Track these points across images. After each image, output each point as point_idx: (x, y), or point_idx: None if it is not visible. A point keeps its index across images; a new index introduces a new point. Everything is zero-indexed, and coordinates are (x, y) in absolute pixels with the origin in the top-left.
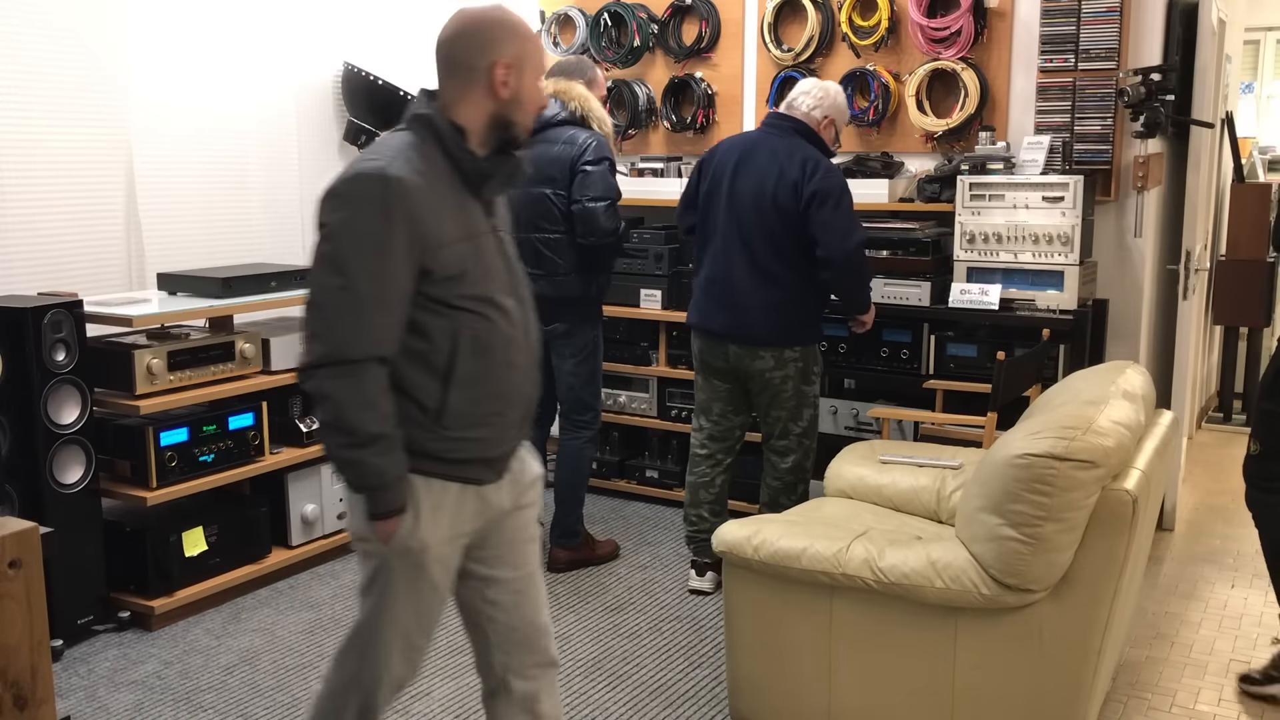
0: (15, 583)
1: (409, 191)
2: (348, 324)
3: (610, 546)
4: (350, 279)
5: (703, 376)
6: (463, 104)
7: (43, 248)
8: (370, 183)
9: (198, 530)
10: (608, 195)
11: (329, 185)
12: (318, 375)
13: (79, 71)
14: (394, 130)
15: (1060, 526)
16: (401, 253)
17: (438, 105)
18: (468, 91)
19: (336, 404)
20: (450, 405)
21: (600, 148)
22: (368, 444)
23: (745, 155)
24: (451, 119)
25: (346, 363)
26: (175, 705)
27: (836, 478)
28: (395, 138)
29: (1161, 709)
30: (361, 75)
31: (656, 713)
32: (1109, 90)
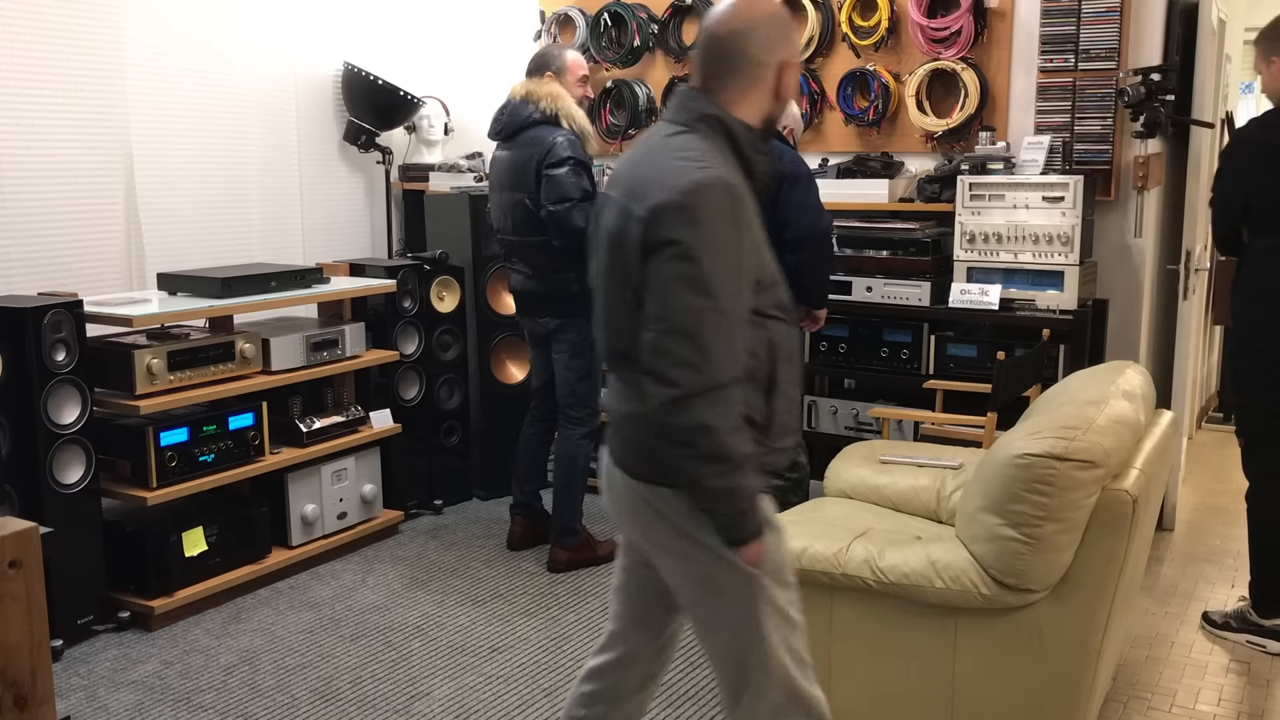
0: (15, 583)
1: (745, 199)
2: (721, 347)
3: (610, 546)
4: (717, 298)
5: None
6: (743, 103)
7: (43, 248)
8: (718, 193)
9: (198, 530)
10: (569, 196)
11: (666, 198)
12: (693, 406)
13: (79, 71)
14: (674, 130)
15: (1060, 526)
16: (749, 265)
17: (716, 103)
18: (752, 90)
19: (715, 433)
20: (774, 417)
21: (566, 146)
22: (741, 467)
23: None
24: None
25: (720, 388)
26: (175, 705)
27: (836, 478)
28: (691, 139)
29: (1161, 709)
30: (361, 75)
31: (657, 713)
32: (1109, 90)
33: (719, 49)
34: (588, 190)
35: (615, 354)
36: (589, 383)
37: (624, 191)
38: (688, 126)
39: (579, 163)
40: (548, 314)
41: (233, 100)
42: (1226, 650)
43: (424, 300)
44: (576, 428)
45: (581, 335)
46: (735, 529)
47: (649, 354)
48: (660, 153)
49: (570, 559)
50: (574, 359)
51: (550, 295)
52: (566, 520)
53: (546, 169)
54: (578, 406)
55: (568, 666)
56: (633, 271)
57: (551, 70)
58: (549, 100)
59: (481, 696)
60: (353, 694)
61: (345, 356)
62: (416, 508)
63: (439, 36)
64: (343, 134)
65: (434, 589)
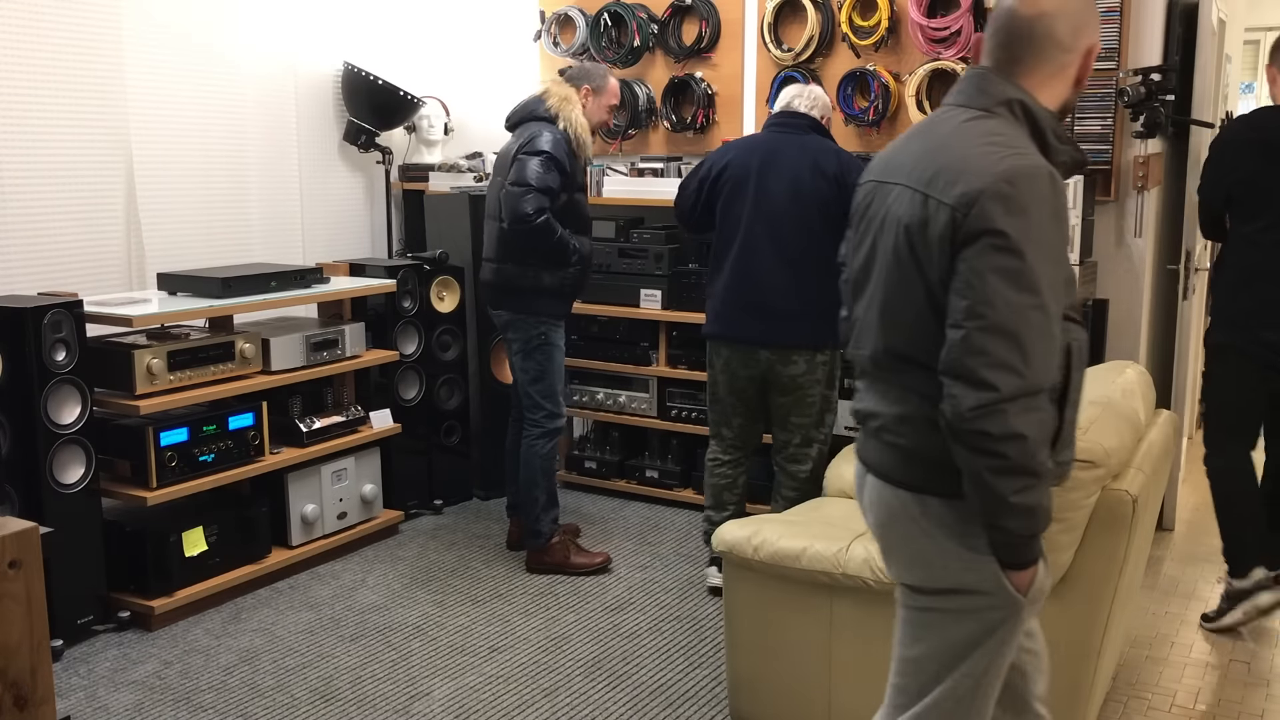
0: (15, 583)
1: (1063, 190)
2: (1043, 350)
3: (598, 559)
4: (1040, 295)
5: (725, 389)
6: (1046, 88)
7: (43, 248)
8: (1041, 181)
9: (198, 530)
10: (527, 182)
11: (983, 185)
12: (1008, 412)
13: (79, 72)
14: (972, 115)
15: (1060, 526)
16: (1065, 260)
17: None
18: (1057, 75)
19: (1029, 444)
20: (1064, 427)
21: (548, 141)
22: (1044, 484)
23: (768, 155)
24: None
25: (1038, 394)
26: (175, 705)
27: (836, 478)
28: (996, 124)
29: (1161, 709)
30: (361, 75)
31: (656, 713)
32: (1109, 90)
33: (1023, 31)
34: (550, 187)
35: (887, 352)
36: (544, 384)
37: (915, 178)
38: (987, 111)
39: (553, 159)
40: (499, 306)
41: (233, 100)
42: (1226, 650)
43: (424, 300)
44: (532, 429)
45: (532, 333)
46: (1021, 551)
47: (959, 353)
48: (959, 137)
49: (541, 562)
50: (525, 360)
51: (501, 286)
52: (530, 522)
53: (519, 154)
54: (533, 408)
55: (568, 666)
56: (931, 264)
57: (590, 85)
58: (557, 101)
59: (481, 696)
60: (353, 694)
61: (345, 356)
62: (416, 508)
63: (439, 36)
64: (343, 134)
65: (434, 589)
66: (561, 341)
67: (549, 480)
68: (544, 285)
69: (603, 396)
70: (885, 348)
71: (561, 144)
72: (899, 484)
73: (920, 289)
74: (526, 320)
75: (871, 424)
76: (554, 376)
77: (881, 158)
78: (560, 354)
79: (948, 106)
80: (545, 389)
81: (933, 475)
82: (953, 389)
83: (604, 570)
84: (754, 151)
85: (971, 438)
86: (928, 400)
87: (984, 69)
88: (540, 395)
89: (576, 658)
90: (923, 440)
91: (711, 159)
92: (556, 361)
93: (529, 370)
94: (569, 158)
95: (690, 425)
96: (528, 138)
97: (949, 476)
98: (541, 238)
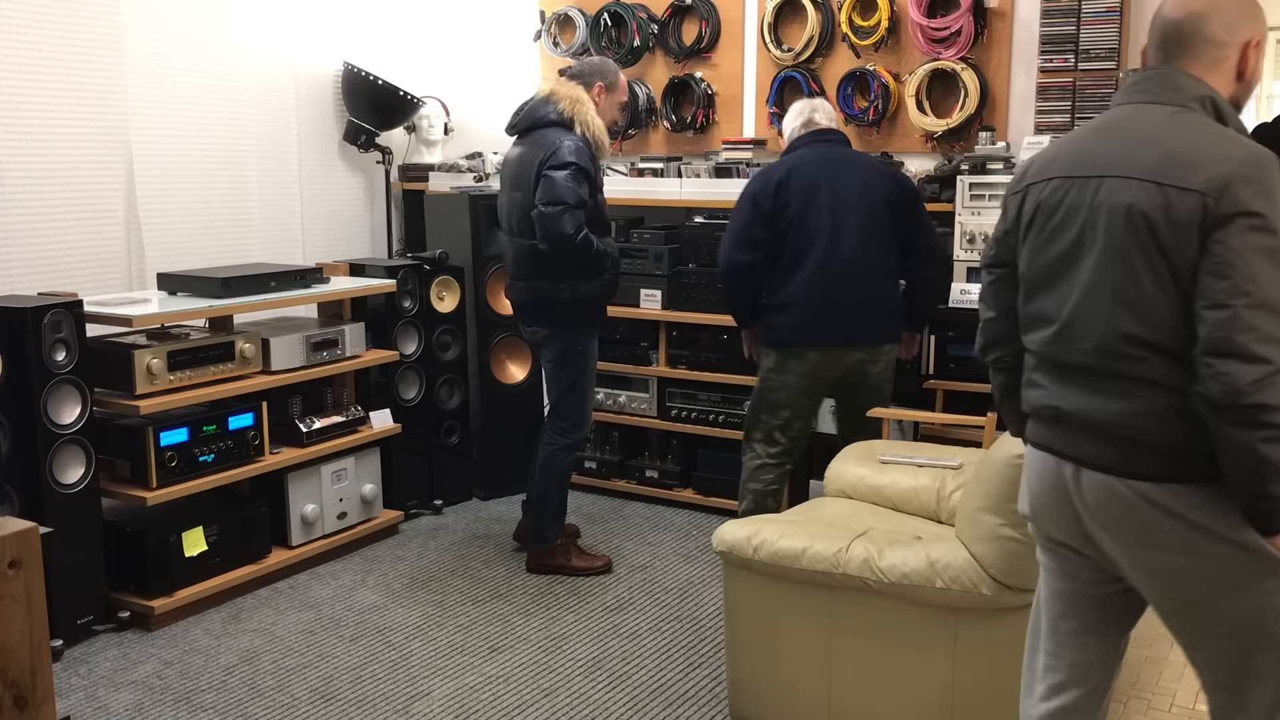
0: (15, 583)
1: None
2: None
3: (598, 561)
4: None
5: (797, 393)
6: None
7: (43, 248)
8: (1275, 167)
9: (198, 530)
10: (563, 200)
11: (1231, 170)
12: (1277, 384)
13: (79, 72)
14: (1174, 110)
15: None
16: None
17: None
18: (1211, 71)
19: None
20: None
21: (571, 151)
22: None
23: (831, 165)
24: None
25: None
26: (175, 705)
27: (836, 478)
28: (1201, 118)
29: (1161, 709)
30: (361, 75)
31: (656, 713)
32: (1109, 90)
33: (1173, 32)
34: (584, 200)
35: (1127, 340)
36: (575, 395)
37: (1137, 169)
38: (1184, 106)
39: (580, 169)
40: (536, 323)
41: (233, 100)
42: None
43: (424, 300)
44: (558, 438)
45: (569, 346)
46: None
47: (1226, 330)
48: (1176, 129)
49: (542, 563)
50: (560, 370)
51: (539, 304)
52: (538, 526)
53: (546, 170)
54: (562, 417)
55: (568, 666)
56: (1178, 248)
57: (603, 82)
58: (569, 103)
59: (481, 696)
60: (353, 694)
61: (345, 356)
62: (416, 508)
63: (439, 36)
64: (343, 134)
65: (434, 589)
66: (596, 350)
67: (563, 491)
68: (583, 297)
69: (603, 396)
70: (1123, 335)
71: (584, 151)
72: (1136, 475)
73: (1164, 273)
74: (565, 334)
75: (1083, 419)
76: (588, 385)
77: (1059, 156)
78: (594, 362)
79: (1136, 104)
80: (578, 399)
81: (1175, 462)
82: (1223, 366)
83: (605, 572)
84: (810, 163)
85: (1247, 412)
86: (1165, 388)
87: (1169, 69)
88: (573, 405)
89: (576, 658)
90: (1161, 427)
91: (755, 187)
92: (591, 370)
93: (563, 380)
94: (591, 162)
95: (690, 425)
96: (549, 150)
97: (1192, 462)
98: (583, 254)
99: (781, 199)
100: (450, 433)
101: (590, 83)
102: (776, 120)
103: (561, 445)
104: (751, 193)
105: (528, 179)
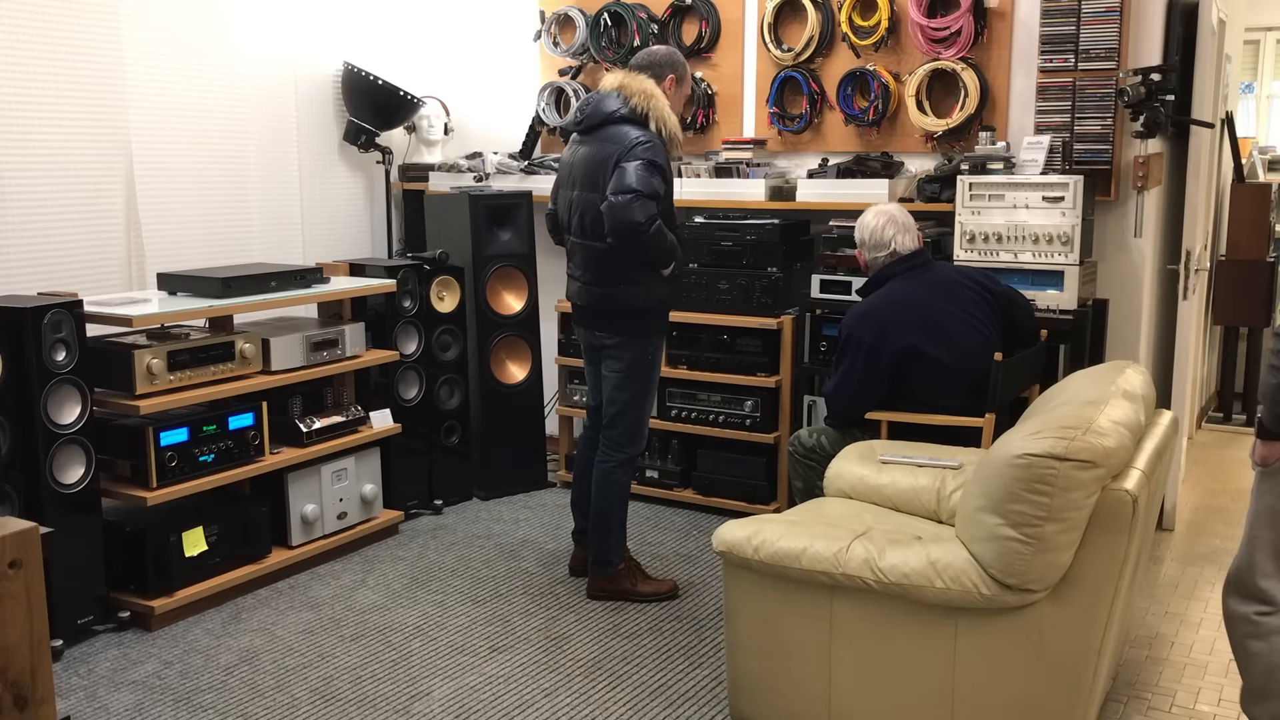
0: (15, 583)
1: None
2: None
3: (663, 586)
4: None
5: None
6: None
7: (43, 248)
8: None
9: (198, 530)
10: (633, 188)
11: None
12: None
13: (79, 72)
14: None
15: (1060, 526)
16: None
17: None
18: None
19: None
20: None
21: (647, 147)
22: None
23: (933, 298)
24: None
25: None
26: (175, 705)
27: (836, 478)
28: None
29: (1161, 709)
30: (361, 75)
31: (656, 713)
32: (1109, 90)
33: None
34: (657, 192)
35: None
36: (642, 407)
37: None
38: None
39: (654, 164)
40: (605, 329)
41: (233, 100)
42: (1226, 650)
43: (424, 300)
44: (615, 453)
45: (640, 355)
46: None
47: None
48: None
49: (606, 589)
50: (627, 380)
51: (610, 308)
52: (601, 550)
53: (620, 163)
54: (622, 432)
55: (568, 666)
56: None
57: (674, 74)
58: (641, 98)
59: (481, 696)
60: (353, 694)
61: (345, 356)
62: (416, 508)
63: (439, 36)
64: (343, 134)
65: (434, 589)
66: (661, 359)
67: (623, 511)
68: (657, 299)
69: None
70: None
71: (659, 147)
72: None
73: None
74: (637, 341)
75: None
76: (652, 397)
77: None
78: (659, 372)
79: None
80: (641, 413)
81: None
82: None
83: (672, 597)
84: (912, 303)
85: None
86: None
87: None
88: (635, 418)
89: (576, 658)
90: None
91: (866, 341)
92: (656, 381)
93: (629, 390)
94: (665, 159)
95: (690, 425)
96: (625, 146)
97: None
98: (655, 246)
99: (892, 351)
100: (450, 433)
101: (662, 75)
102: (777, 120)
103: (619, 462)
104: (864, 348)
105: (603, 178)
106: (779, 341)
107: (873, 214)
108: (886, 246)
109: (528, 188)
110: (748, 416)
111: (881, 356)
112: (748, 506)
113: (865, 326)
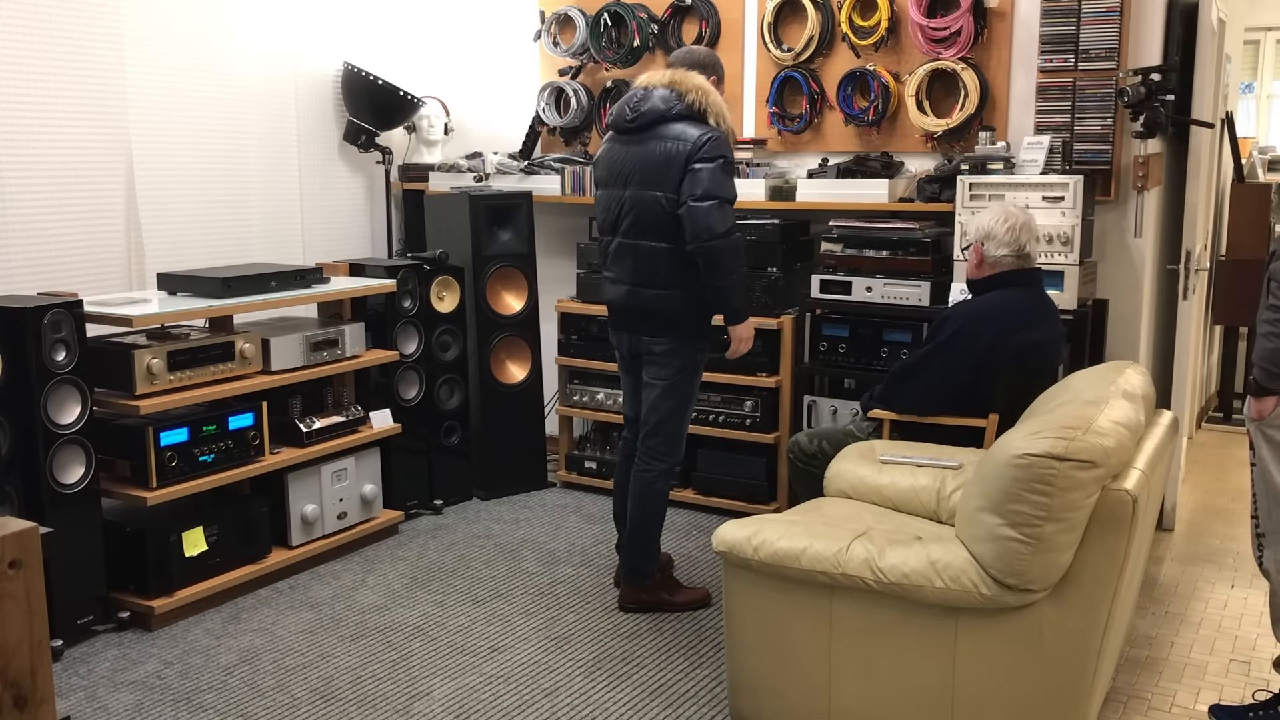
0: (15, 583)
1: None
2: None
3: (697, 595)
4: None
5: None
6: None
7: (43, 248)
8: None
9: (198, 530)
10: (715, 195)
11: None
12: None
13: (79, 72)
14: None
15: (1060, 526)
16: None
17: None
18: None
19: None
20: None
21: (717, 144)
22: None
23: (1035, 313)
24: None
25: None
26: (175, 705)
27: (836, 478)
28: None
29: (1161, 709)
30: (361, 75)
31: (656, 713)
32: (1109, 90)
33: None
34: (734, 195)
35: None
36: (683, 415)
37: None
38: None
39: (729, 163)
40: (655, 333)
41: (233, 100)
42: (1226, 650)
43: (424, 300)
44: (655, 463)
45: (688, 362)
46: None
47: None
48: None
49: (637, 599)
50: (673, 387)
51: (662, 311)
52: (636, 561)
53: (695, 163)
54: (663, 440)
55: (568, 666)
56: None
57: (716, 75)
58: (697, 94)
59: (481, 696)
60: (353, 694)
61: (345, 356)
62: (416, 508)
63: (439, 36)
64: (343, 134)
65: (434, 589)
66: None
67: (661, 522)
68: (734, 304)
69: (603, 396)
70: None
71: (725, 143)
72: None
73: None
74: (688, 347)
75: None
76: (690, 410)
77: None
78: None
79: None
80: (683, 421)
81: None
82: None
83: (705, 605)
84: (1015, 316)
85: None
86: None
87: None
88: (676, 425)
89: (576, 658)
90: None
91: (957, 342)
92: (698, 388)
93: (673, 398)
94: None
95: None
96: (693, 143)
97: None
98: (729, 255)
99: (993, 362)
100: (450, 433)
101: (707, 74)
102: (777, 120)
103: (659, 471)
104: (980, 345)
105: (668, 176)
106: (779, 341)
107: (1011, 212)
108: (1021, 249)
109: (528, 188)
110: (748, 416)
111: (991, 355)
112: (748, 506)
113: (987, 326)
